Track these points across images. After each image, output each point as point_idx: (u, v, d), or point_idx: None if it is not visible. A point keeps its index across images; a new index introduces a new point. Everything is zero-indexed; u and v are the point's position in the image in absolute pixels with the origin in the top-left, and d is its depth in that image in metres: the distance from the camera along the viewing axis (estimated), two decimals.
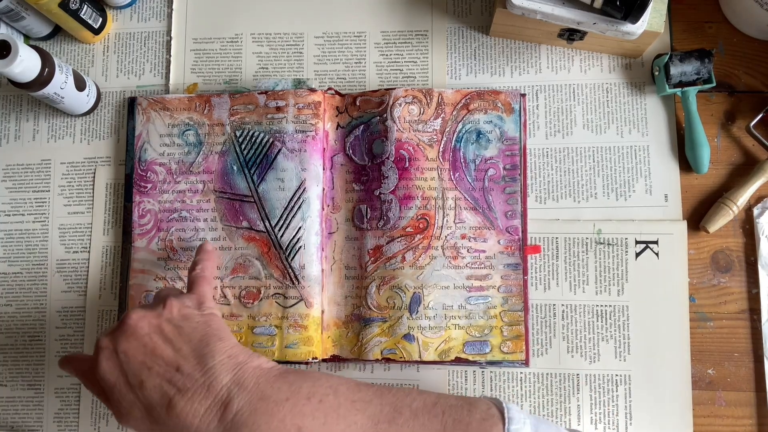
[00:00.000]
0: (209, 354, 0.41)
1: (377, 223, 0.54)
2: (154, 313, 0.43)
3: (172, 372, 0.40)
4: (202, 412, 0.39)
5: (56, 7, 0.55)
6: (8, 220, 0.59)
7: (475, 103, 0.56)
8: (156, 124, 0.57)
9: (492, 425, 0.40)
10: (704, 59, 0.54)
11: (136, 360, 0.41)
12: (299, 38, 0.60)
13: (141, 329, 0.42)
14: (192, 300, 0.45)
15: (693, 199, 0.56)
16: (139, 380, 0.40)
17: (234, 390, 0.39)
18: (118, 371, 0.41)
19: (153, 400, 0.40)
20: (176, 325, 0.42)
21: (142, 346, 0.41)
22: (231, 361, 0.41)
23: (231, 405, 0.39)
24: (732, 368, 0.53)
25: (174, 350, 0.41)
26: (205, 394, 0.39)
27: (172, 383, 0.40)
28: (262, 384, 0.40)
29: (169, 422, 0.39)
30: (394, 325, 0.53)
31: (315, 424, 0.39)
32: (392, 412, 0.41)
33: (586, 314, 0.54)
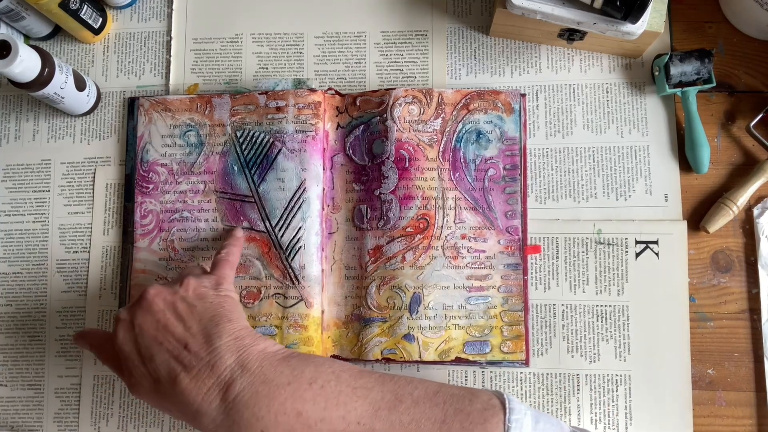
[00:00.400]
0: (216, 334, 0.42)
1: (377, 223, 0.54)
2: (170, 290, 0.44)
3: (180, 349, 0.41)
4: (205, 391, 0.40)
5: (56, 7, 0.55)
6: (8, 220, 0.59)
7: (475, 103, 0.56)
8: (158, 125, 0.57)
9: (493, 415, 0.41)
10: (704, 59, 0.54)
11: (149, 334, 0.42)
12: (299, 38, 0.60)
13: (156, 305, 0.43)
14: (210, 280, 0.46)
15: (693, 199, 0.56)
16: (149, 354, 0.42)
17: (237, 371, 0.40)
18: (132, 343, 0.43)
19: (160, 374, 0.41)
20: (190, 304, 0.43)
21: (155, 322, 0.43)
22: (237, 343, 0.42)
23: (233, 386, 0.40)
24: (732, 368, 0.53)
25: (185, 328, 0.42)
26: (209, 373, 0.40)
27: (179, 360, 0.41)
28: (266, 367, 0.41)
29: (174, 397, 0.41)
30: (394, 325, 0.53)
31: (315, 409, 0.40)
32: (393, 400, 0.41)
33: (586, 314, 0.54)
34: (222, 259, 0.49)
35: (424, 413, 0.41)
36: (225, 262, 0.49)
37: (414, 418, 0.40)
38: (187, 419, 0.41)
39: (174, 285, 0.45)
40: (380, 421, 0.40)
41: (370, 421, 0.40)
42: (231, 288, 0.47)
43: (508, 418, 0.40)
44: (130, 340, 0.43)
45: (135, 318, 0.43)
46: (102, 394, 0.56)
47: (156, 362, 0.41)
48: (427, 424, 0.40)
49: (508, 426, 0.40)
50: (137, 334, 0.43)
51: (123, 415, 0.56)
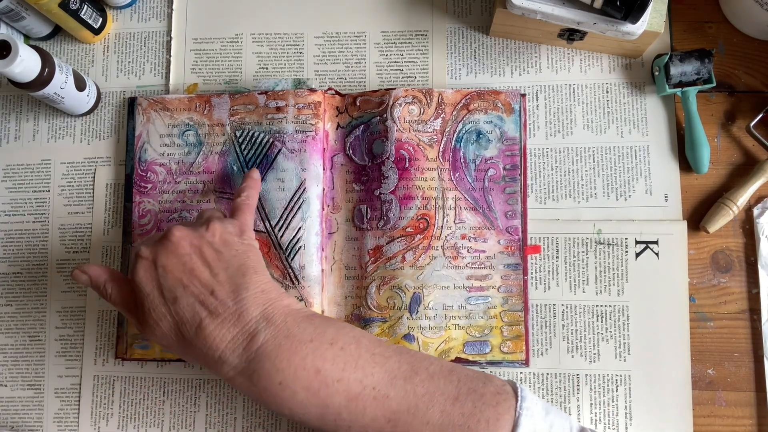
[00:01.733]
0: (243, 285, 0.42)
1: (377, 223, 0.54)
2: (197, 234, 0.44)
3: (207, 295, 0.41)
4: (229, 339, 0.40)
5: (56, 7, 0.55)
6: (8, 220, 0.59)
7: (475, 103, 0.56)
8: (156, 124, 0.57)
9: (505, 399, 0.41)
10: (704, 59, 0.54)
11: (174, 276, 0.42)
12: (299, 38, 0.60)
13: (182, 248, 0.43)
14: (235, 226, 0.46)
15: (693, 199, 0.56)
16: (173, 296, 0.41)
17: (262, 323, 0.41)
18: (154, 283, 0.42)
19: (184, 317, 0.41)
20: (216, 250, 0.43)
21: (181, 264, 0.42)
22: (263, 296, 0.42)
23: (257, 337, 0.40)
24: (732, 368, 0.53)
25: (211, 274, 0.42)
26: (235, 322, 0.41)
27: (205, 305, 0.41)
28: (290, 322, 0.41)
29: (196, 342, 0.41)
30: (394, 325, 0.53)
31: (334, 369, 0.40)
32: (409, 371, 0.42)
33: (586, 314, 0.54)
34: (243, 203, 0.49)
35: (438, 388, 0.41)
36: (246, 207, 0.49)
37: (428, 390, 0.41)
38: (206, 363, 0.42)
39: (199, 228, 0.44)
40: (395, 389, 0.40)
41: (385, 388, 0.40)
42: (253, 235, 0.47)
43: (520, 405, 0.40)
44: (152, 279, 0.42)
45: (158, 257, 0.42)
46: (102, 394, 0.56)
47: (180, 304, 0.41)
48: (440, 398, 0.40)
49: (519, 412, 0.40)
50: (160, 275, 0.42)
51: (123, 415, 0.56)
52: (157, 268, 0.42)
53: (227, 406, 0.55)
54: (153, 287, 0.42)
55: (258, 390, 0.40)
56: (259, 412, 0.55)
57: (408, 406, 0.40)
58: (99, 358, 0.57)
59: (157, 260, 0.42)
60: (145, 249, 0.43)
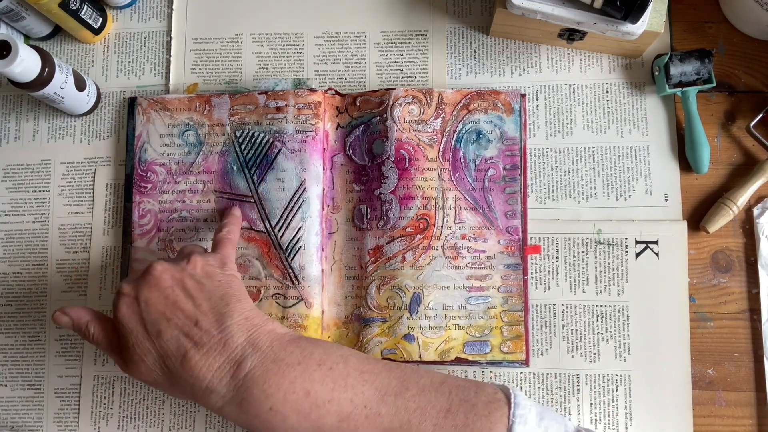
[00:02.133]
0: (228, 313, 0.42)
1: (377, 223, 0.54)
2: (178, 267, 0.44)
3: (191, 326, 0.41)
4: (216, 368, 0.40)
5: (56, 7, 0.55)
6: (8, 220, 0.59)
7: (475, 103, 0.56)
8: (156, 124, 0.57)
9: (497, 408, 0.41)
10: (704, 59, 0.54)
11: (157, 310, 0.42)
12: (299, 38, 0.60)
13: (164, 281, 0.43)
14: (216, 259, 0.46)
15: (693, 199, 0.56)
16: (156, 330, 0.41)
17: (248, 350, 0.41)
18: (137, 318, 0.42)
19: (169, 350, 0.41)
20: (198, 281, 0.43)
21: (163, 298, 0.42)
22: (247, 323, 0.42)
23: (244, 364, 0.40)
24: (732, 368, 0.53)
25: (194, 305, 0.42)
26: (220, 351, 0.40)
27: (189, 337, 0.41)
28: (276, 347, 0.41)
29: (183, 374, 0.41)
30: (394, 325, 0.53)
31: (323, 390, 0.40)
32: (400, 386, 0.41)
33: (586, 314, 0.54)
34: (224, 238, 0.49)
35: (430, 401, 0.41)
36: (227, 241, 0.49)
37: (419, 405, 0.41)
38: (194, 395, 0.41)
39: (180, 262, 0.44)
40: (386, 405, 0.40)
41: (376, 406, 0.40)
42: (235, 268, 0.47)
43: (513, 413, 0.40)
44: (135, 314, 0.42)
45: (140, 293, 0.42)
46: (102, 394, 0.56)
47: (164, 338, 0.41)
48: (432, 412, 0.40)
49: (512, 420, 0.40)
50: (142, 309, 0.42)
51: (123, 415, 0.56)
52: (140, 303, 0.42)
53: None
54: (136, 323, 0.42)
55: (248, 417, 0.40)
56: None
57: (400, 423, 0.40)
58: (99, 358, 0.57)
59: (140, 295, 0.42)
60: (126, 285, 0.43)
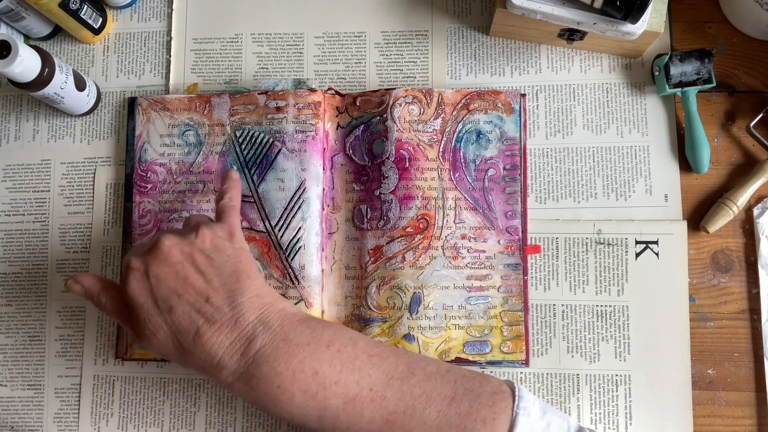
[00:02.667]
0: (239, 290, 0.42)
1: (377, 223, 0.54)
2: (186, 241, 0.43)
3: (202, 302, 0.41)
4: (227, 344, 0.41)
5: (56, 7, 0.55)
6: (8, 220, 0.59)
7: (475, 103, 0.56)
8: (156, 124, 0.57)
9: (502, 399, 0.41)
10: (704, 59, 0.54)
11: (167, 286, 0.42)
12: (299, 38, 0.60)
13: (174, 256, 0.42)
14: (224, 230, 0.45)
15: (693, 199, 0.56)
16: (168, 305, 0.41)
17: (259, 328, 0.41)
18: (147, 293, 0.42)
19: (181, 326, 0.41)
20: (208, 256, 0.43)
21: (174, 273, 0.42)
22: (258, 301, 0.42)
23: (255, 341, 0.40)
24: (732, 368, 0.53)
25: (205, 281, 0.42)
26: (232, 328, 0.41)
27: (201, 313, 0.41)
28: (286, 326, 0.41)
29: (194, 349, 0.41)
30: (394, 325, 0.53)
31: (331, 371, 0.40)
32: (406, 371, 0.42)
33: (586, 314, 0.54)
34: (227, 206, 0.48)
35: (435, 388, 0.41)
36: (231, 209, 0.48)
37: (425, 391, 0.41)
38: (205, 369, 0.42)
39: (188, 235, 0.44)
40: (392, 390, 0.41)
41: (382, 389, 0.41)
42: (242, 237, 0.47)
43: (517, 405, 0.41)
44: (145, 289, 0.42)
45: (150, 268, 0.42)
46: (102, 394, 0.56)
47: (176, 314, 0.41)
48: (437, 398, 0.41)
49: (516, 412, 0.40)
50: (153, 285, 0.42)
51: (123, 415, 0.56)
52: (150, 279, 0.42)
53: (227, 406, 0.55)
54: (147, 298, 0.42)
55: (257, 394, 0.40)
56: (259, 413, 0.55)
57: (405, 407, 0.40)
58: (99, 358, 0.57)
59: (149, 270, 0.42)
60: (135, 260, 0.43)
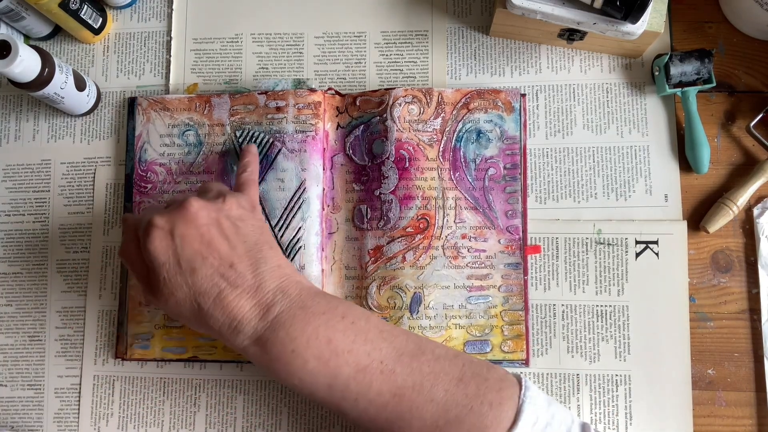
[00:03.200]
0: (262, 259, 0.43)
1: (377, 223, 0.54)
2: (214, 206, 0.44)
3: (226, 267, 0.42)
4: (247, 309, 0.41)
5: (56, 7, 0.55)
6: (8, 220, 0.59)
7: (475, 103, 0.56)
8: (156, 124, 0.57)
9: (509, 386, 0.42)
10: (704, 59, 0.54)
11: (192, 247, 0.42)
12: (299, 38, 0.60)
13: (201, 218, 0.43)
14: (247, 202, 0.47)
15: (693, 199, 0.56)
16: (191, 267, 0.42)
17: (278, 296, 0.42)
18: (171, 252, 0.42)
19: (203, 288, 0.42)
20: (234, 224, 0.44)
21: (199, 236, 0.42)
22: (279, 271, 0.43)
23: (273, 308, 0.42)
24: (732, 368, 0.53)
25: (230, 247, 0.43)
26: (253, 294, 0.42)
27: (225, 277, 0.42)
28: (304, 295, 0.43)
29: (214, 311, 0.42)
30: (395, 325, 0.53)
31: (345, 340, 0.41)
32: (416, 350, 0.43)
33: (586, 314, 0.54)
34: (249, 179, 0.50)
35: (443, 369, 0.42)
36: (252, 182, 0.50)
37: (433, 370, 0.41)
38: (221, 332, 0.42)
39: (216, 201, 0.44)
40: (401, 365, 0.41)
41: (392, 364, 0.41)
42: (261, 211, 0.48)
43: (524, 393, 0.41)
44: (169, 248, 0.42)
45: (175, 227, 0.42)
46: (102, 394, 0.56)
47: (198, 275, 0.41)
48: (445, 378, 0.41)
49: (522, 399, 0.41)
50: (177, 245, 0.42)
51: (123, 415, 0.56)
52: (174, 238, 0.42)
53: (227, 406, 0.55)
54: (170, 257, 0.42)
55: (270, 358, 0.41)
56: (259, 412, 0.55)
57: (413, 383, 0.41)
58: (99, 358, 0.57)
59: (175, 230, 0.42)
60: (160, 218, 0.42)
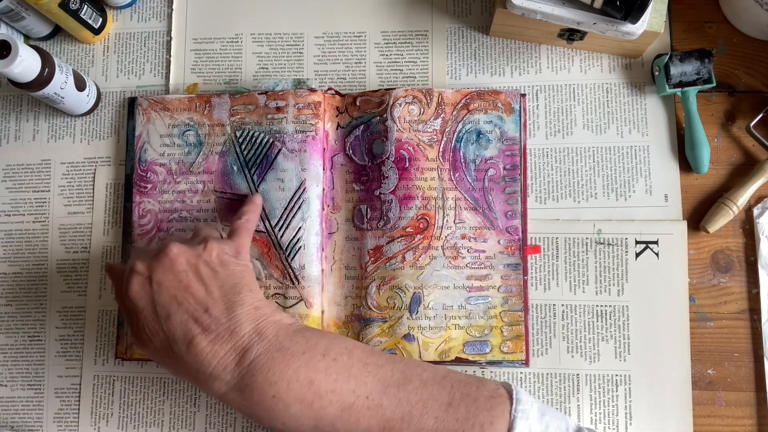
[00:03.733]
0: (238, 302, 0.42)
1: (377, 223, 0.54)
2: (194, 252, 0.44)
3: (201, 312, 0.41)
4: (222, 355, 0.40)
5: (56, 7, 0.55)
6: (8, 220, 0.59)
7: (475, 103, 0.56)
8: (156, 124, 0.57)
9: (499, 403, 0.41)
10: (704, 59, 0.54)
11: (169, 293, 0.42)
12: (299, 38, 0.60)
13: (179, 264, 0.43)
14: (231, 248, 0.46)
15: (693, 199, 0.56)
16: (166, 313, 0.41)
17: (254, 338, 0.41)
18: (148, 299, 0.42)
19: (176, 334, 0.41)
20: (213, 269, 0.43)
21: (177, 281, 0.42)
22: (256, 312, 0.42)
23: (250, 351, 0.40)
24: (732, 368, 0.53)
25: (206, 292, 0.42)
26: (227, 338, 0.41)
27: (198, 322, 0.41)
28: (282, 336, 0.41)
29: (187, 359, 0.41)
30: (395, 325, 0.53)
31: (327, 380, 0.40)
32: (402, 379, 0.42)
33: (586, 314, 0.54)
34: (242, 227, 0.49)
35: (432, 395, 0.41)
36: (245, 230, 0.49)
37: (422, 398, 0.41)
38: (197, 380, 0.42)
39: (196, 246, 0.44)
40: (388, 398, 0.41)
41: (378, 397, 0.40)
42: (248, 258, 0.47)
43: (515, 408, 0.40)
44: (146, 295, 0.42)
45: (154, 274, 0.42)
46: (102, 394, 0.56)
47: (173, 322, 0.41)
48: (434, 405, 0.41)
49: (513, 415, 0.40)
50: (154, 291, 0.42)
51: (123, 415, 0.56)
52: (152, 284, 0.42)
53: (227, 407, 0.55)
54: (147, 303, 0.42)
55: (251, 405, 0.40)
56: None
57: (402, 414, 0.40)
58: (99, 358, 0.57)
59: (153, 276, 0.42)
60: (140, 264, 0.43)
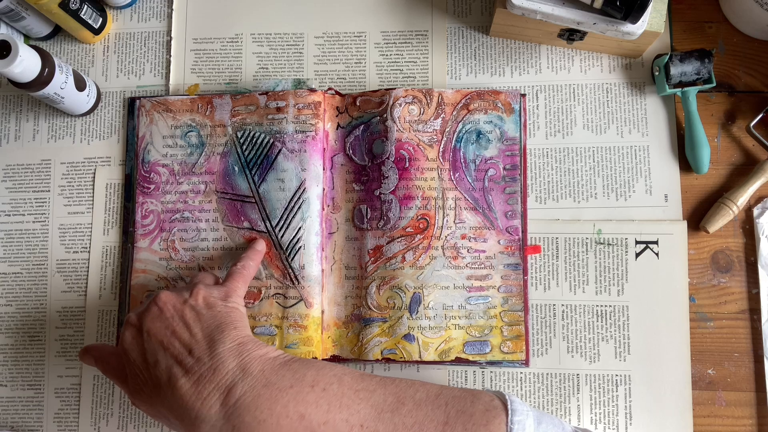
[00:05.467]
0: (220, 340, 0.42)
1: (377, 223, 0.54)
2: (180, 298, 0.45)
3: (185, 354, 0.41)
4: (205, 396, 0.40)
5: (56, 7, 0.55)
6: (8, 220, 0.59)
7: (475, 103, 0.56)
8: (159, 125, 0.57)
9: (495, 416, 0.40)
10: (704, 59, 0.54)
11: (156, 339, 0.42)
12: (299, 38, 0.60)
13: (167, 311, 0.44)
14: (220, 292, 0.46)
15: (693, 199, 0.56)
16: (154, 359, 0.42)
17: (238, 375, 0.40)
18: (139, 348, 0.43)
19: (161, 379, 0.41)
20: (198, 312, 0.44)
21: (164, 328, 0.43)
22: (239, 348, 0.42)
23: (234, 390, 0.39)
24: (732, 368, 0.53)
25: (190, 334, 0.42)
26: (210, 378, 0.40)
27: (182, 365, 0.41)
28: (267, 371, 0.41)
29: (173, 402, 0.40)
30: (395, 325, 0.53)
31: (318, 412, 0.39)
32: (395, 402, 0.41)
33: (586, 314, 0.54)
34: (236, 272, 0.49)
35: (427, 415, 0.40)
36: (238, 275, 0.49)
37: (417, 420, 0.40)
38: (185, 427, 0.41)
39: (184, 293, 0.45)
40: (383, 423, 0.40)
41: (373, 424, 0.40)
42: (240, 301, 0.47)
43: (511, 419, 0.40)
44: (138, 345, 0.43)
45: (143, 323, 0.43)
46: (102, 394, 0.56)
47: (159, 367, 0.41)
48: (430, 426, 0.40)
49: (510, 427, 0.40)
50: (145, 339, 0.43)
51: (123, 415, 0.56)
52: (143, 334, 0.43)
53: None
54: (138, 353, 0.43)
55: None
56: None
57: None
58: None
59: (143, 326, 0.43)
60: (133, 315, 0.45)
